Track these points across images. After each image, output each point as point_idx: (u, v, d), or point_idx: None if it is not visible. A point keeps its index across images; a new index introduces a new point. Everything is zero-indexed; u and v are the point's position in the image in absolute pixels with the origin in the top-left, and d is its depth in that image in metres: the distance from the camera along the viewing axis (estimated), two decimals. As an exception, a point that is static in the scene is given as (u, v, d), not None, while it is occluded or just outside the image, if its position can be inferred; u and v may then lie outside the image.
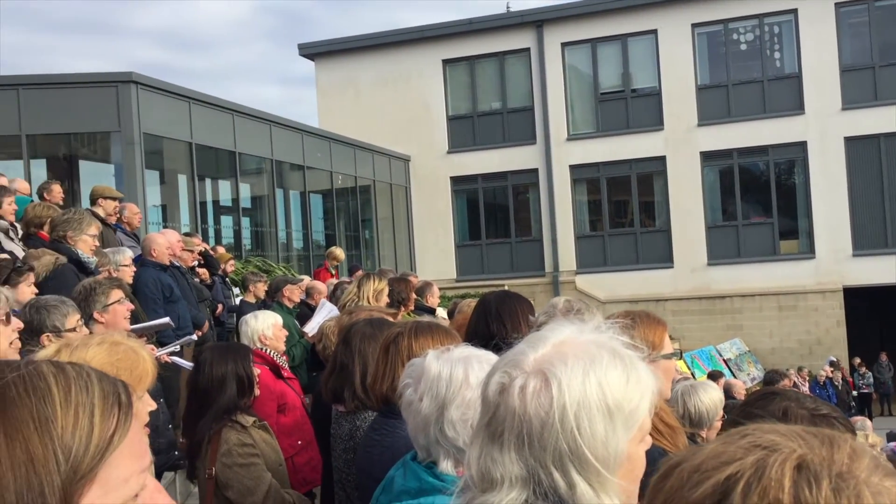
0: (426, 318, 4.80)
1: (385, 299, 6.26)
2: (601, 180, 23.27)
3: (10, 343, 3.08)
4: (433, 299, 7.77)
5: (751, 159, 22.44)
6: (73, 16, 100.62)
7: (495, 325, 3.52)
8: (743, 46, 22.36)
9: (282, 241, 19.61)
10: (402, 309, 6.29)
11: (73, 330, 3.49)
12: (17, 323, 3.07)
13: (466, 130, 24.10)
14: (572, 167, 23.16)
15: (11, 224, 6.29)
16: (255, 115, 17.98)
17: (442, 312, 7.96)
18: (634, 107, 22.86)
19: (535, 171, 23.49)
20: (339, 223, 22.24)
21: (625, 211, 23.76)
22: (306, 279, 10.36)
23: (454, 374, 1.96)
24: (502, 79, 23.92)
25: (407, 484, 1.99)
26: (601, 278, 22.71)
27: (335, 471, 3.82)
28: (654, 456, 2.08)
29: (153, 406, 2.27)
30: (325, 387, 3.64)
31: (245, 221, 18.83)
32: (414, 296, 6.69)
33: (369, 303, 5.99)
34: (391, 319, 4.26)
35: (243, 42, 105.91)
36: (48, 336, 3.42)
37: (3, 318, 2.96)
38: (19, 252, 5.60)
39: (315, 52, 25.09)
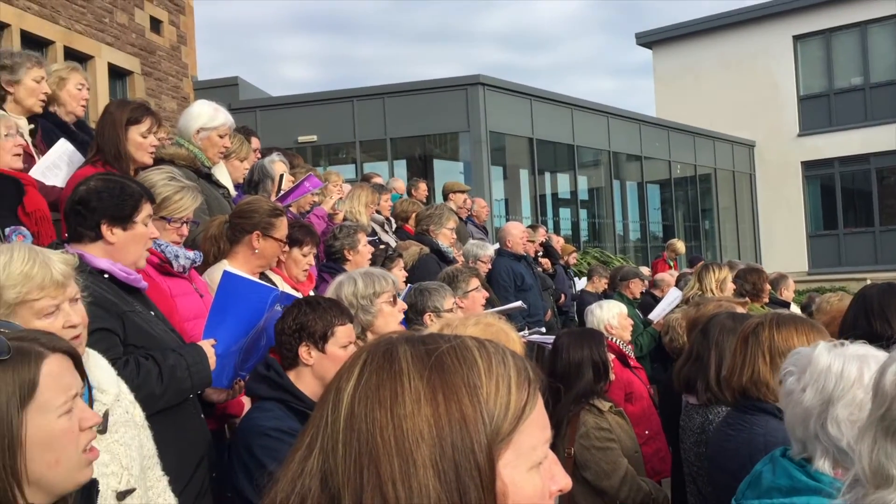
0: (784, 311, 4.52)
1: (730, 287, 6.01)
2: None
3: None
4: (788, 293, 7.31)
5: None
6: (427, 27, 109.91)
7: (878, 323, 3.14)
8: None
9: (619, 232, 19.64)
10: (754, 300, 5.99)
11: (450, 311, 3.88)
12: (401, 305, 3.48)
13: (821, 110, 22.07)
14: (953, 146, 20.17)
15: (387, 218, 7.10)
16: (592, 108, 18.21)
17: (795, 308, 7.43)
18: None
19: (905, 151, 20.84)
20: (677, 213, 21.71)
21: None
22: (646, 271, 10.33)
23: (846, 370, 1.84)
24: (864, 51, 21.52)
25: (777, 481, 1.92)
26: None
27: (685, 463, 3.77)
28: None
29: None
30: (678, 376, 3.60)
31: (583, 213, 19.17)
32: (768, 287, 6.33)
33: (713, 293, 5.80)
34: (742, 310, 4.10)
35: (579, 36, 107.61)
36: (430, 315, 3.84)
37: (391, 300, 3.36)
38: (393, 243, 6.31)
39: (652, 39, 24.70)
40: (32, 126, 4.22)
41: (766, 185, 22.87)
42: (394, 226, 7.20)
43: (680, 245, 13.00)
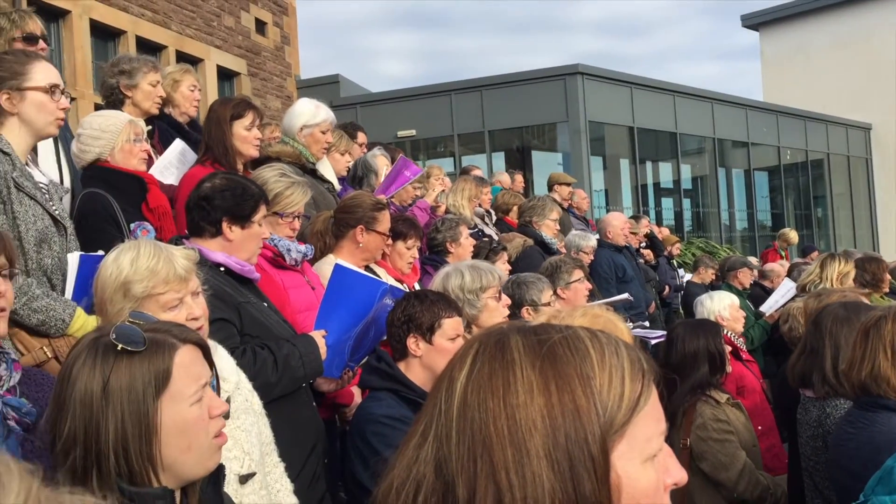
0: (906, 302, 4.29)
1: (850, 283, 5.75)
2: None
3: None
4: (911, 282, 6.92)
5: None
6: (523, 17, 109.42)
7: None
8: None
9: (724, 221, 19.08)
10: (874, 291, 5.71)
11: (548, 304, 3.85)
12: (506, 300, 3.49)
13: (944, 89, 20.83)
14: None
15: (487, 211, 7.11)
16: (695, 94, 17.73)
17: (920, 298, 7.03)
18: None
19: None
20: (787, 201, 20.91)
21: None
22: (754, 261, 10.02)
23: None
24: None
25: (910, 478, 1.83)
26: None
27: (802, 458, 3.64)
28: None
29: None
30: (793, 370, 3.48)
31: (686, 203, 18.70)
32: (888, 277, 6.02)
33: (831, 284, 5.57)
34: (866, 301, 3.92)
35: (681, 21, 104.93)
36: (527, 309, 3.81)
37: (497, 295, 3.37)
38: (494, 236, 6.31)
39: (760, 21, 23.85)
40: (150, 127, 4.42)
41: (884, 170, 21.75)
42: (494, 218, 7.20)
43: (792, 234, 12.59)
